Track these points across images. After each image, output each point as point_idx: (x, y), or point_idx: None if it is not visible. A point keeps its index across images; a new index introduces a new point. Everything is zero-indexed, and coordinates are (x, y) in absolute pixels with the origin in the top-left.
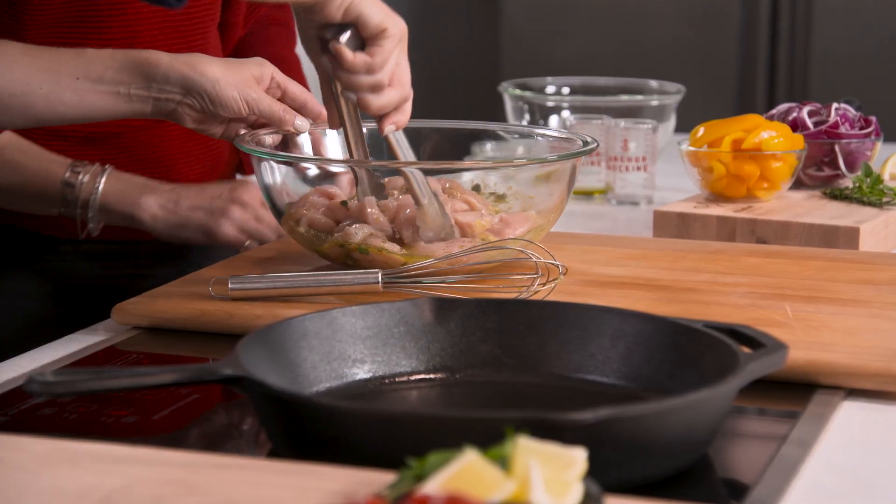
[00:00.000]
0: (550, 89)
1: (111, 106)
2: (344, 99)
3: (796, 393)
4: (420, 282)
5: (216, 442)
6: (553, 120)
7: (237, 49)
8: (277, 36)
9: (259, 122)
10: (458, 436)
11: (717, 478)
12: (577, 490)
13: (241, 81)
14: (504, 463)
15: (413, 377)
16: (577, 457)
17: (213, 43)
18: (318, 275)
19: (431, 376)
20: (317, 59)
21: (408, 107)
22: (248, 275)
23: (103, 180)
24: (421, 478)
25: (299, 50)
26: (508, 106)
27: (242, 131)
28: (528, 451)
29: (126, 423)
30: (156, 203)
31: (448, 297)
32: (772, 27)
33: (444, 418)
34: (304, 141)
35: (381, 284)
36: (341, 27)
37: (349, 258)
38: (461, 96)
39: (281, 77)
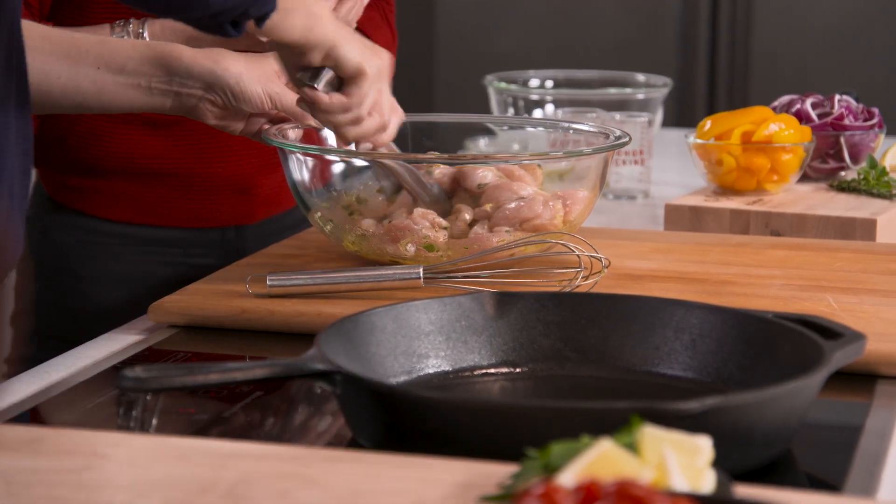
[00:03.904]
0: (534, 83)
1: (130, 98)
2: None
3: (854, 384)
4: (462, 276)
5: (296, 436)
6: (537, 113)
7: None
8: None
9: (279, 118)
10: (561, 426)
11: (801, 470)
12: (709, 476)
13: (263, 76)
14: (632, 450)
15: (477, 371)
16: (703, 444)
17: None
18: (358, 271)
19: (495, 371)
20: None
21: (392, 128)
22: (287, 272)
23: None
24: (549, 468)
25: None
26: (493, 99)
27: (266, 127)
28: (657, 438)
29: (200, 419)
30: None
31: (507, 292)
32: (712, 26)
33: (556, 409)
34: (327, 136)
35: (422, 280)
36: (317, 70)
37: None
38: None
39: None
